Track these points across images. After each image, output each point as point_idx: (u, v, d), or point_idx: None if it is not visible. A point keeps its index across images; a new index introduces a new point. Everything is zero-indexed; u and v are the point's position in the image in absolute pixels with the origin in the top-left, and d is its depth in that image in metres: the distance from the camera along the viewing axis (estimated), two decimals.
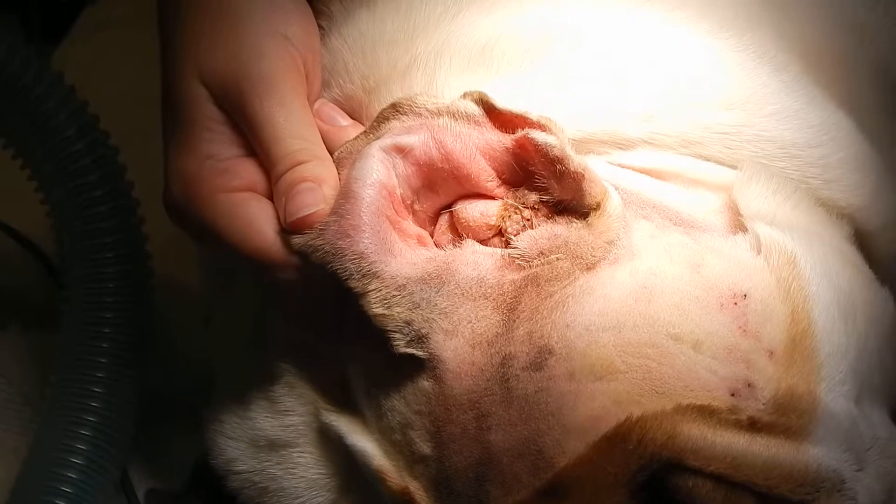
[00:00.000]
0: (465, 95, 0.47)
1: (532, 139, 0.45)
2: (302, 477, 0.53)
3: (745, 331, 0.44)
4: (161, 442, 0.75)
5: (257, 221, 0.48)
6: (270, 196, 0.49)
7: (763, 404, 0.43)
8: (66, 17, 1.08)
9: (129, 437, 0.69)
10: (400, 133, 0.47)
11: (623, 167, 0.50)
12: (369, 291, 0.45)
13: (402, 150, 0.47)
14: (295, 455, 0.53)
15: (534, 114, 0.46)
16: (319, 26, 0.56)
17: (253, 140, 0.50)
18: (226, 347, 0.59)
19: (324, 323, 0.52)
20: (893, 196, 0.55)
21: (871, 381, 0.48)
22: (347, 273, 0.45)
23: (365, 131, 0.49)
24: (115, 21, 1.07)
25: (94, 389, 0.66)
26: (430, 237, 0.49)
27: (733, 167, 0.51)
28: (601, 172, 0.48)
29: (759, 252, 0.47)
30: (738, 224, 0.49)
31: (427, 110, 0.47)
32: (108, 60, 1.02)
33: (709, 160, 0.51)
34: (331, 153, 0.50)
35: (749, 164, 0.50)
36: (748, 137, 0.50)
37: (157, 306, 0.71)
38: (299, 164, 0.48)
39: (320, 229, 0.46)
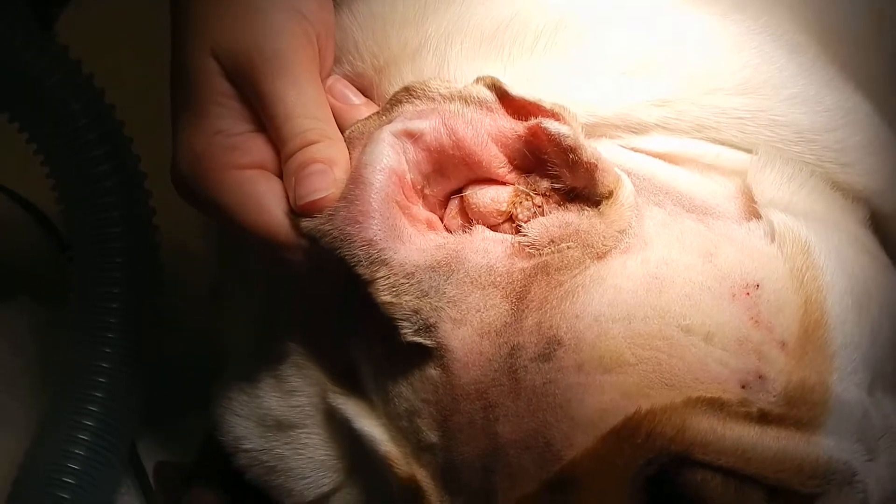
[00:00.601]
0: (477, 80, 0.46)
1: (545, 128, 0.44)
2: (309, 458, 0.53)
3: (757, 322, 0.44)
4: (171, 415, 0.75)
5: (266, 200, 0.47)
6: (280, 173, 0.48)
7: (774, 396, 0.43)
8: None
9: (137, 412, 0.69)
10: (411, 118, 0.46)
11: (636, 151, 0.50)
12: (378, 279, 0.45)
13: (412, 136, 0.46)
14: (302, 436, 0.53)
15: (547, 101, 0.45)
16: None
17: (264, 117, 0.49)
18: (235, 323, 0.59)
19: (332, 305, 0.51)
20: None
21: (884, 369, 0.47)
22: (356, 259, 0.45)
23: (378, 112, 0.48)
24: None
25: (102, 365, 0.66)
26: (440, 221, 0.48)
27: (748, 151, 0.50)
28: (614, 157, 0.48)
29: (772, 240, 0.46)
30: (752, 210, 0.48)
31: (440, 95, 0.46)
32: (116, 24, 1.01)
33: (723, 144, 0.50)
34: (342, 130, 0.49)
35: (764, 150, 0.49)
36: (764, 122, 0.50)
37: (166, 279, 0.71)
38: (310, 143, 0.47)
39: (329, 214, 0.45)
